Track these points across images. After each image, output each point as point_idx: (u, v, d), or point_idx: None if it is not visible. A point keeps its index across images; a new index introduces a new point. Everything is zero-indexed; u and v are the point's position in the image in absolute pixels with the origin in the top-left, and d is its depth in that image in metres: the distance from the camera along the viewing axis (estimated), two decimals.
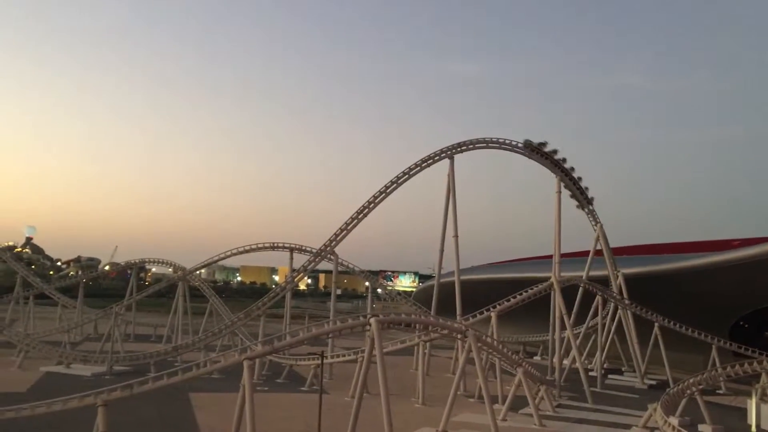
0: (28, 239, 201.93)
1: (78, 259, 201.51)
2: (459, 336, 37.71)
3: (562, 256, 55.66)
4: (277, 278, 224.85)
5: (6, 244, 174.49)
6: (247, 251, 67.54)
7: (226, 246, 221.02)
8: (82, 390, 28.25)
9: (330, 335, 32.64)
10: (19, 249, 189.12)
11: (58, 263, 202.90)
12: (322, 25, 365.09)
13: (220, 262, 77.67)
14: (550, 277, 53.04)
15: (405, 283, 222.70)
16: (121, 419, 28.96)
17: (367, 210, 55.25)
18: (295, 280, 62.59)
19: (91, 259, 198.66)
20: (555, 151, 56.75)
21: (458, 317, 49.75)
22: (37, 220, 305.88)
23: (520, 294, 49.97)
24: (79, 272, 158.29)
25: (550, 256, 57.36)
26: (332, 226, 59.72)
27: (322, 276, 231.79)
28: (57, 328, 70.45)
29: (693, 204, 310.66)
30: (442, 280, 58.15)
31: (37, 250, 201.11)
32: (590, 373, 56.03)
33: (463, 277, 54.89)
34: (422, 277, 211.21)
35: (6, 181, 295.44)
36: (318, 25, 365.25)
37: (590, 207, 60.55)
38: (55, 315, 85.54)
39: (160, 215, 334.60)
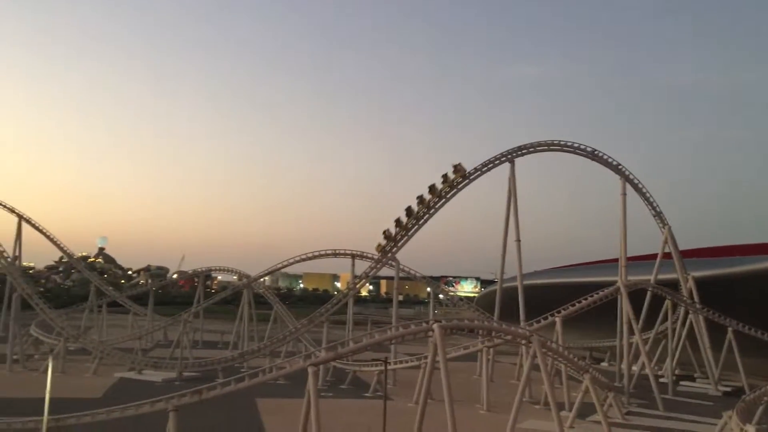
0: (101, 249, 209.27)
1: (147, 268, 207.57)
2: (523, 342, 37.21)
3: (629, 259, 54.29)
4: (339, 285, 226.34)
5: (80, 254, 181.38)
6: (309, 258, 68.34)
7: (289, 253, 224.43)
8: (153, 395, 29.14)
9: (393, 341, 32.71)
10: (93, 259, 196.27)
11: (129, 272, 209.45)
12: (379, 27, 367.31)
13: (283, 270, 78.87)
14: (616, 281, 51.80)
15: (467, 289, 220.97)
16: (191, 424, 29.65)
17: (427, 215, 55.15)
18: (357, 286, 62.96)
19: (160, 268, 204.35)
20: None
21: (522, 323, 49.08)
22: (108, 231, 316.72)
23: (586, 299, 48.95)
24: (149, 281, 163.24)
25: (616, 260, 56.01)
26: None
27: (383, 282, 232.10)
28: (129, 335, 72.78)
29: (761, 204, 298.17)
30: (504, 285, 57.49)
31: (109, 259, 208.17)
32: (661, 380, 54.44)
33: (526, 282, 54.14)
34: (484, 283, 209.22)
35: (80, 195, 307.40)
36: (375, 26, 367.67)
37: (657, 209, 58.89)
38: (126, 322, 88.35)
39: (225, 224, 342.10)
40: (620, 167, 55.40)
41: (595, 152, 55.20)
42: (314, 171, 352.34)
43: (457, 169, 53.35)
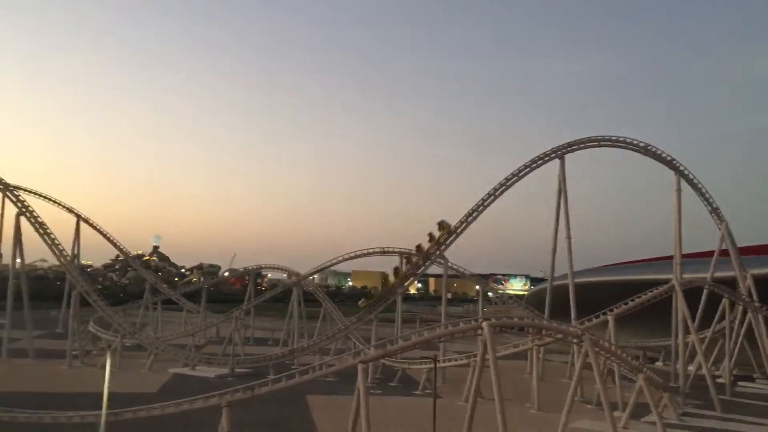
0: (155, 248, 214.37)
1: (200, 266, 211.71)
2: (574, 340, 36.65)
3: (683, 257, 52.96)
4: None
5: (136, 253, 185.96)
6: (358, 256, 68.80)
7: (337, 251, 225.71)
8: (206, 391, 29.71)
9: (442, 339, 32.62)
10: (147, 257, 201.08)
11: (182, 270, 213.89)
12: (426, 27, 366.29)
13: (332, 268, 79.54)
14: (670, 279, 50.58)
15: (516, 287, 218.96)
16: (244, 419, 30.14)
17: (476, 213, 54.80)
18: (406, 284, 62.97)
19: (212, 266, 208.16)
20: None
21: (573, 321, 48.39)
22: (162, 230, 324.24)
23: (639, 297, 47.94)
24: (201, 279, 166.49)
25: (670, 257, 54.72)
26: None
27: (432, 280, 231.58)
28: (183, 332, 74.32)
29: None
30: (555, 283, 56.74)
31: (163, 258, 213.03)
32: (718, 380, 52.95)
33: (577, 280, 53.37)
34: (534, 280, 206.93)
35: (135, 194, 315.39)
36: (422, 25, 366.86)
37: (714, 205, 57.29)
38: (180, 319, 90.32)
39: (275, 222, 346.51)
40: (674, 162, 54.07)
41: (648, 147, 53.98)
42: (364, 169, 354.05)
43: (442, 225, 53.69)
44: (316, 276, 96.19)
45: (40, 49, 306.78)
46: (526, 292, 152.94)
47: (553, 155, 53.68)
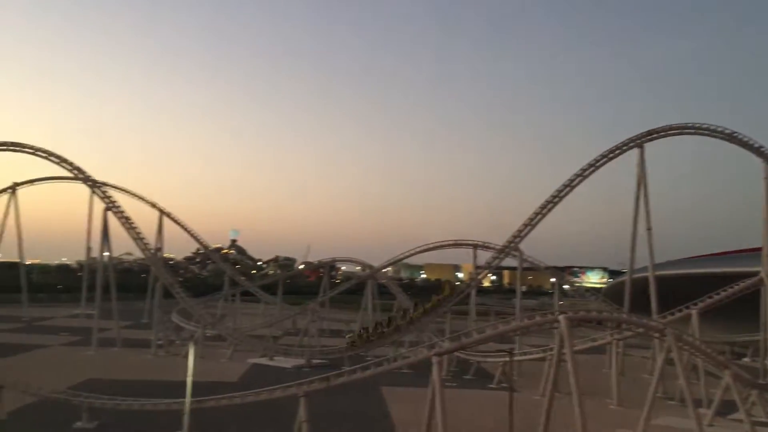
0: (233, 241, 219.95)
1: (276, 259, 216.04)
2: (656, 335, 35.56)
3: None
4: (460, 275, 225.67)
5: (215, 246, 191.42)
6: (431, 249, 68.84)
7: (410, 244, 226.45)
8: (284, 381, 30.41)
9: (517, 333, 32.28)
10: (226, 251, 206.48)
11: (259, 263, 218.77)
12: (500, 13, 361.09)
13: (405, 260, 79.87)
14: (758, 272, 48.41)
15: (593, 280, 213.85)
16: (320, 410, 30.64)
17: (551, 204, 53.86)
18: (479, 277, 62.58)
19: (287, 259, 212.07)
20: None
21: (654, 315, 46.98)
22: (239, 224, 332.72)
23: (725, 290, 46.08)
24: (278, 271, 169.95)
25: (758, 249, 52.34)
26: (516, 222, 58.97)
27: (506, 273, 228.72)
28: (261, 324, 76.07)
29: None
30: (634, 276, 55.18)
31: (241, 251, 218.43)
32: None
33: (658, 273, 51.74)
34: (612, 273, 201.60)
35: (213, 189, 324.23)
36: (496, 12, 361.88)
37: None
38: (258, 311, 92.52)
39: (349, 215, 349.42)
40: (762, 149, 51.59)
41: (734, 134, 51.74)
42: (435, 162, 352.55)
43: (445, 286, 56.45)
44: (389, 268, 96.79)
45: (127, 51, 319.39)
46: (603, 285, 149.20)
47: (632, 144, 52.19)
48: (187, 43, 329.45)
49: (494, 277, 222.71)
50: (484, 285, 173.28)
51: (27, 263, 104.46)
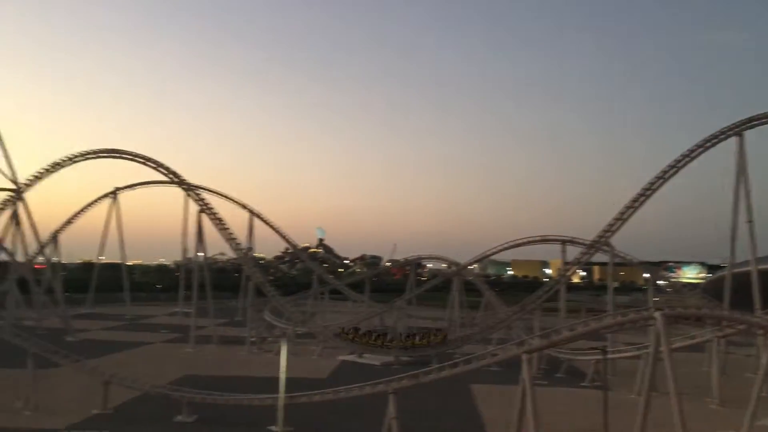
0: (320, 240, 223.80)
1: (363, 258, 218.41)
2: (760, 332, 33.77)
3: None
4: (549, 271, 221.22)
5: (303, 245, 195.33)
6: (518, 245, 67.90)
7: (496, 240, 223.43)
8: (373, 378, 30.75)
9: (610, 330, 31.37)
10: (313, 249, 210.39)
11: (346, 261, 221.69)
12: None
13: (491, 257, 79.08)
14: None
15: (689, 275, 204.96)
16: (409, 406, 30.79)
17: (643, 197, 52.05)
18: (568, 273, 61.22)
19: (374, 257, 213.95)
20: None
21: (757, 311, 44.60)
22: (326, 223, 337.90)
23: None
24: (364, 269, 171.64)
25: None
26: (606, 216, 57.35)
27: (596, 268, 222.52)
28: (349, 321, 77.02)
29: None
30: (735, 271, 52.59)
31: (328, 249, 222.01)
32: None
33: (761, 267, 49.09)
34: (710, 268, 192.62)
35: (300, 189, 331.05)
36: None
37: None
38: (346, 308, 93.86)
39: (434, 212, 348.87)
40: None
41: None
42: (521, 157, 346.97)
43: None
44: (475, 265, 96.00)
45: (215, 60, 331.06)
46: (701, 281, 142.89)
47: (730, 132, 49.77)
48: (271, 50, 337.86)
49: (584, 273, 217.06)
50: (573, 281, 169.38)
51: (128, 264, 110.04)
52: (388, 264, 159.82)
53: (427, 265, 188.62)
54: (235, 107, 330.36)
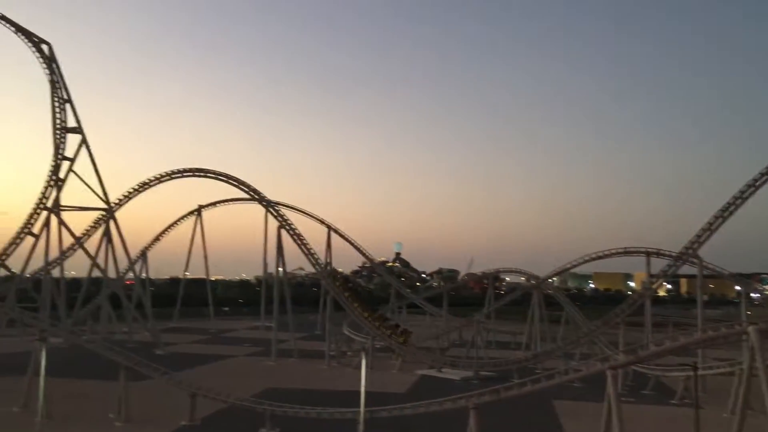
0: (397, 254, 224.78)
1: (439, 271, 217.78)
2: None
3: None
4: (632, 284, 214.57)
5: (380, 259, 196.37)
6: (600, 257, 66.14)
7: (576, 253, 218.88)
8: (452, 393, 30.58)
9: (701, 345, 30.16)
10: (390, 263, 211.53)
11: (423, 275, 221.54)
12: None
13: (571, 270, 77.37)
14: None
15: None
16: (490, 422, 30.39)
17: (734, 206, 49.88)
18: (654, 286, 59.20)
19: (450, 271, 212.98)
20: None
21: None
22: (403, 237, 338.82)
23: None
24: (441, 283, 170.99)
25: None
26: (694, 226, 55.30)
27: (683, 281, 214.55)
28: (427, 335, 76.80)
29: None
30: None
31: (405, 263, 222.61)
32: None
33: None
34: None
35: (377, 203, 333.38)
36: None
37: None
38: (423, 322, 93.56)
39: (511, 225, 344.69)
40: None
41: None
42: (602, 168, 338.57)
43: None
44: (555, 278, 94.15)
45: (291, 78, 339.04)
46: None
47: None
48: (347, 65, 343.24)
49: (670, 286, 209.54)
50: (659, 294, 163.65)
51: (212, 279, 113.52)
52: (466, 277, 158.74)
53: (506, 279, 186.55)
54: (313, 125, 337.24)
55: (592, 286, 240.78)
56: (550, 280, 79.52)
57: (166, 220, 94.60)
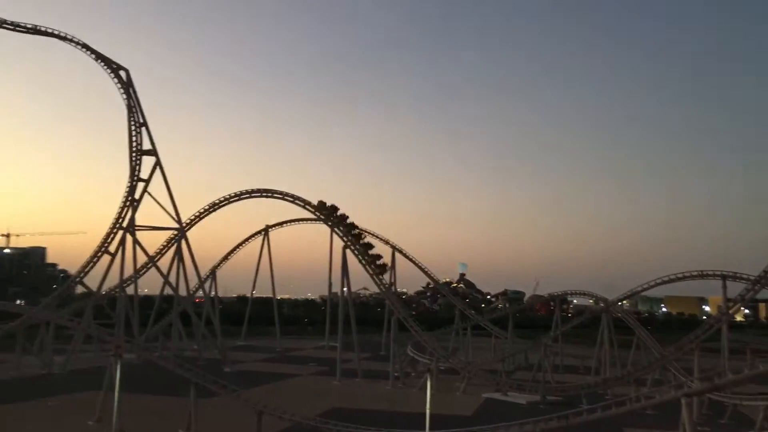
0: (462, 275, 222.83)
1: (505, 293, 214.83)
2: None
3: None
4: (707, 309, 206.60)
5: (444, 280, 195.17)
6: (673, 280, 64.23)
7: (647, 275, 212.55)
8: (519, 417, 30.05)
9: None
10: (455, 284, 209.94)
11: (488, 296, 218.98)
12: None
13: (642, 293, 75.28)
14: None
15: None
16: None
17: None
18: (731, 311, 56.93)
19: (516, 293, 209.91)
20: None
21: None
22: (467, 257, 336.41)
23: None
24: (507, 305, 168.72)
25: None
26: None
27: (762, 306, 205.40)
28: (493, 358, 75.74)
29: None
30: None
31: (469, 284, 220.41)
32: None
33: None
34: None
35: (441, 224, 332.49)
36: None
37: None
38: (488, 344, 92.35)
39: (579, 246, 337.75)
40: None
41: None
42: (676, 188, 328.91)
43: None
44: (625, 302, 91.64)
45: (355, 97, 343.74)
46: None
47: None
48: (412, 85, 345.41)
49: (748, 311, 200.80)
50: (736, 320, 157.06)
51: (278, 298, 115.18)
52: (531, 299, 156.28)
53: (573, 301, 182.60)
54: (377, 145, 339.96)
55: (664, 310, 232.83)
56: (619, 303, 77.43)
57: (234, 239, 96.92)
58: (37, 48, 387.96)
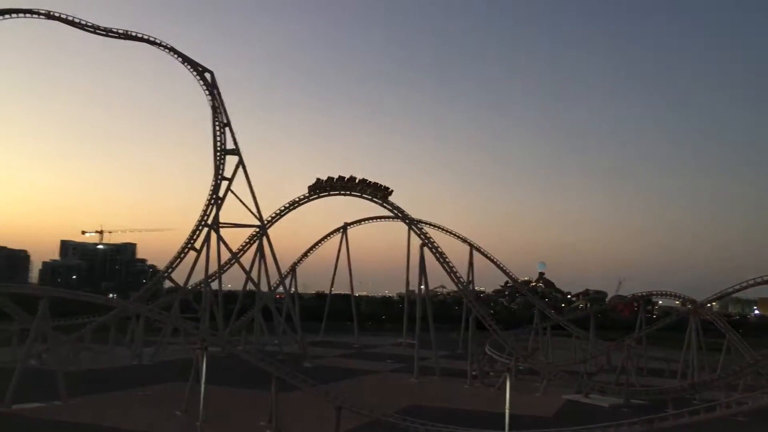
0: (541, 274, 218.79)
1: (586, 292, 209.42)
2: None
3: None
4: None
5: (523, 279, 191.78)
6: (766, 282, 61.18)
7: (739, 276, 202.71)
8: (601, 420, 29.38)
9: None
10: (534, 283, 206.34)
11: (568, 296, 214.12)
12: None
13: (734, 294, 72.13)
14: None
15: None
16: None
17: None
18: None
19: (598, 292, 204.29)
20: None
21: None
22: (547, 256, 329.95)
23: None
24: (588, 305, 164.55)
25: None
26: None
27: None
28: (574, 359, 74.06)
29: None
30: None
31: (549, 284, 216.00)
32: None
33: None
34: None
35: (520, 222, 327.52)
36: None
37: None
38: (568, 345, 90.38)
39: (665, 245, 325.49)
40: None
41: None
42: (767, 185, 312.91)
43: None
44: (715, 303, 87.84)
45: (427, 97, 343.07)
46: None
47: None
48: (500, 85, 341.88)
49: None
50: None
51: (356, 295, 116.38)
52: (614, 300, 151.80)
53: (659, 302, 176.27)
54: (457, 144, 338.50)
55: (757, 312, 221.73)
56: (708, 305, 74.35)
57: (314, 236, 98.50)
58: (125, 51, 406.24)
